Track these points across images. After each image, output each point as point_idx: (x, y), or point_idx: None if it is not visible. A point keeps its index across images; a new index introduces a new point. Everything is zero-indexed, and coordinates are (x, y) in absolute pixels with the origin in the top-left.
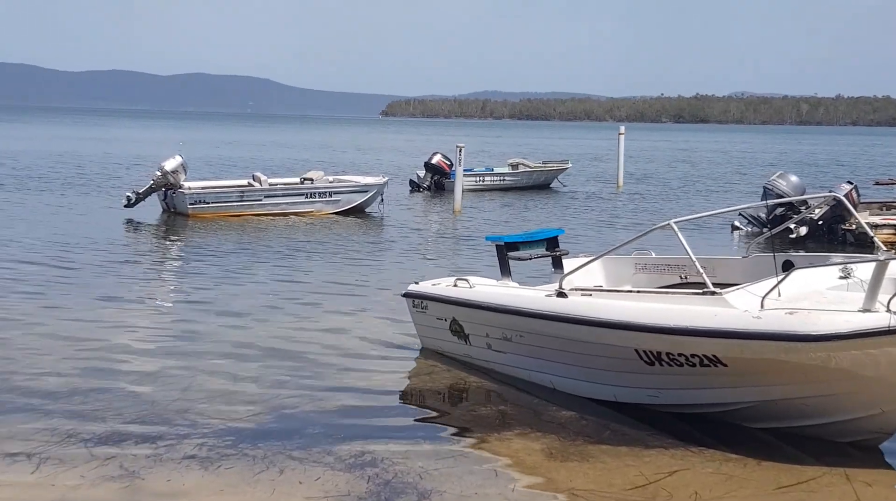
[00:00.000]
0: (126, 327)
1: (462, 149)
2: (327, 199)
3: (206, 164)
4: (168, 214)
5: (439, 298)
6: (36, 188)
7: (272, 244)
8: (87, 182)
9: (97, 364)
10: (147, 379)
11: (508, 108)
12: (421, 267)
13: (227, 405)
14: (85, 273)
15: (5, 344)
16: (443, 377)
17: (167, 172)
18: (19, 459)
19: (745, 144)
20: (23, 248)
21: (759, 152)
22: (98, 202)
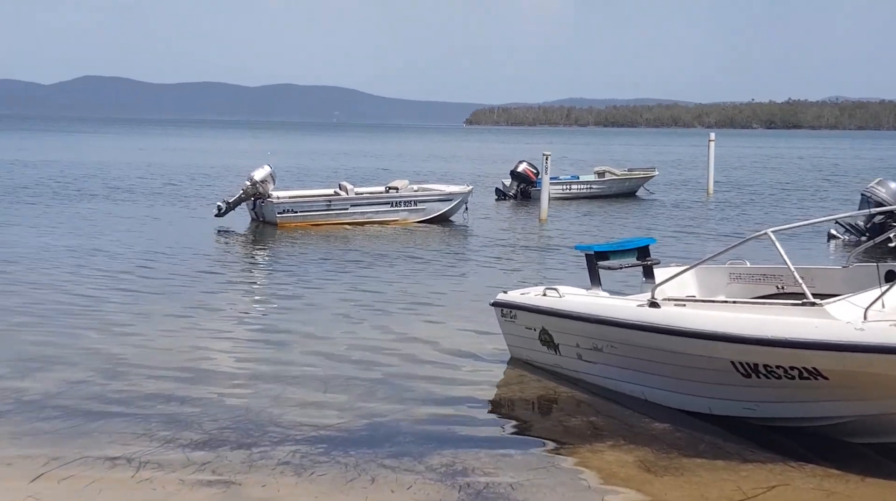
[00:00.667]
0: (217, 334)
1: (548, 157)
2: (412, 208)
3: (293, 173)
4: (257, 223)
5: (528, 307)
6: (129, 199)
7: (358, 253)
8: (179, 192)
9: (191, 371)
10: (240, 386)
11: (594, 115)
12: (507, 276)
13: (319, 412)
14: (177, 281)
15: (104, 351)
16: (532, 387)
17: (256, 182)
18: (120, 462)
19: (840, 150)
20: (118, 257)
21: (855, 159)
22: (189, 212)
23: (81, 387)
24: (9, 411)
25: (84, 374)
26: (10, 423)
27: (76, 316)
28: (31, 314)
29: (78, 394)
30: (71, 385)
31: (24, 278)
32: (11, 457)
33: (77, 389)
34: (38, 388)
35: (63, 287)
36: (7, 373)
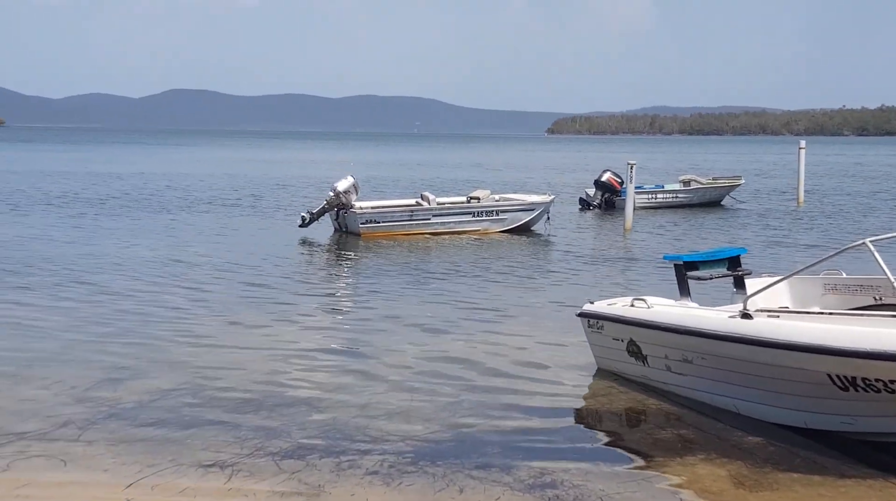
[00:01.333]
0: (302, 344)
1: (633, 166)
2: (494, 218)
3: (376, 184)
4: (340, 233)
5: (616, 318)
6: (214, 210)
7: (440, 263)
8: (263, 203)
9: (278, 380)
10: (327, 395)
11: (678, 123)
12: (591, 286)
13: (406, 422)
14: (262, 292)
15: (193, 361)
16: (620, 399)
17: (340, 193)
18: (213, 470)
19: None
20: (204, 268)
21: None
22: (274, 223)
23: (172, 396)
24: (104, 418)
25: (174, 383)
26: (105, 430)
27: (165, 326)
28: (120, 323)
29: (169, 403)
30: (162, 394)
31: (113, 289)
32: (107, 463)
33: (168, 397)
34: (131, 397)
35: (151, 298)
36: (101, 382)
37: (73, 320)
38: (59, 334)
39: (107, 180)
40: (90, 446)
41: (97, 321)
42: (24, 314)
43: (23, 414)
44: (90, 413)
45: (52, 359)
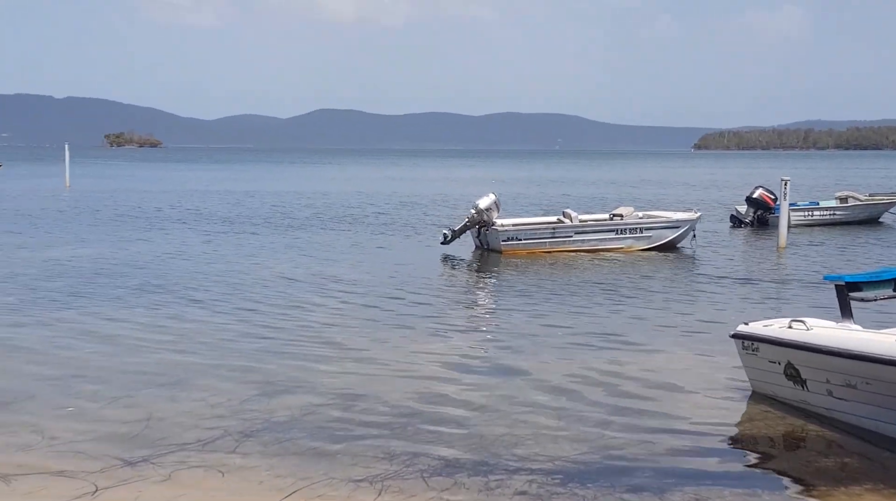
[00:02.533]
0: (446, 361)
1: (787, 182)
2: (638, 235)
3: (517, 201)
4: (481, 250)
5: (773, 340)
6: (356, 227)
7: (583, 281)
8: (405, 220)
9: (425, 396)
10: (473, 413)
11: (833, 137)
12: (743, 306)
13: (553, 442)
14: (406, 308)
15: (341, 376)
16: (777, 424)
17: (481, 210)
18: (363, 485)
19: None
20: (347, 285)
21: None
22: (415, 240)
23: (322, 410)
24: (259, 431)
25: (324, 397)
26: (259, 443)
27: (313, 341)
28: (271, 338)
29: (319, 417)
30: (313, 408)
31: (262, 305)
32: (262, 475)
33: (318, 412)
34: (284, 410)
35: (299, 314)
36: (254, 395)
37: (225, 334)
38: (213, 348)
39: (253, 198)
40: (246, 458)
41: (248, 336)
42: (180, 327)
43: (183, 425)
44: (245, 426)
45: (207, 372)
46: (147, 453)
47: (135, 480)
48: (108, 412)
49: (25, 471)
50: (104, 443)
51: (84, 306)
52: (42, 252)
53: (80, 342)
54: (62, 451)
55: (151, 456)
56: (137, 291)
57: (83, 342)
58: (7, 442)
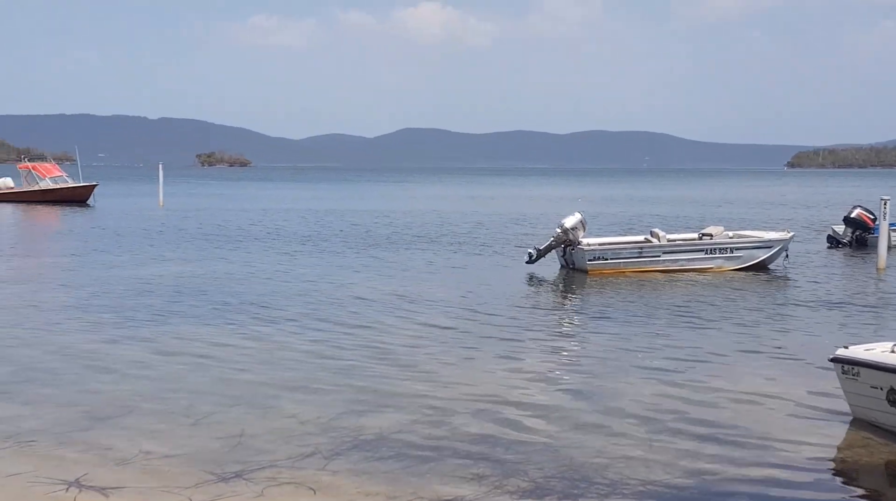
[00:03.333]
0: (534, 381)
1: (887, 202)
2: (728, 255)
3: (604, 220)
4: (566, 270)
5: (875, 365)
6: (442, 245)
7: (671, 302)
8: (490, 239)
9: (512, 417)
10: (562, 434)
11: None
12: (839, 330)
13: (645, 466)
14: (491, 328)
15: (429, 394)
16: (880, 452)
17: (567, 229)
18: None
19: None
20: (434, 302)
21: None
22: (500, 259)
23: (411, 429)
24: (347, 449)
25: (413, 416)
26: (349, 461)
27: (401, 360)
28: (358, 357)
29: (408, 436)
30: (401, 427)
31: (349, 323)
32: (352, 493)
33: (407, 430)
34: (372, 428)
35: (386, 332)
36: (343, 413)
37: (312, 353)
38: (301, 366)
39: (337, 217)
40: (335, 476)
41: (334, 355)
42: (268, 345)
43: (274, 442)
44: (334, 444)
45: (295, 390)
46: (239, 469)
47: (228, 496)
48: (201, 428)
49: (123, 485)
50: (198, 458)
51: (177, 323)
52: (136, 270)
53: (174, 359)
54: (157, 465)
55: (244, 472)
56: (226, 309)
57: (176, 359)
58: (105, 456)
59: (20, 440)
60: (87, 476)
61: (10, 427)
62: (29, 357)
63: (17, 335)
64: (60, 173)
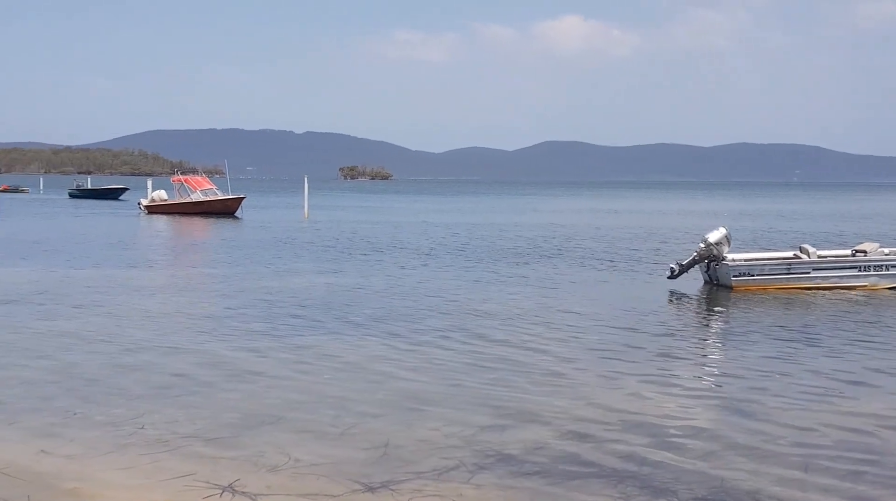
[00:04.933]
0: (678, 399)
1: None
2: (883, 272)
3: (750, 235)
4: (710, 285)
5: None
6: (581, 259)
7: (824, 320)
8: (631, 254)
9: (658, 435)
10: (712, 455)
11: None
12: None
13: (801, 490)
14: (631, 344)
15: (573, 410)
16: None
17: (711, 244)
18: None
19: None
20: (572, 317)
21: None
22: (641, 273)
23: (556, 445)
24: (492, 463)
25: (557, 432)
26: (494, 475)
27: (541, 375)
28: (500, 370)
29: (554, 451)
30: (546, 442)
31: (491, 336)
32: None
33: (552, 446)
34: (517, 443)
35: (525, 346)
36: (488, 426)
37: (456, 364)
38: (445, 378)
39: (477, 230)
40: (480, 489)
41: (478, 367)
42: (412, 356)
43: (418, 454)
44: (479, 457)
45: (439, 402)
46: (386, 479)
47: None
48: (347, 437)
49: (274, 492)
50: (346, 467)
51: (322, 333)
52: (282, 281)
53: (319, 369)
54: (306, 473)
55: (390, 483)
56: (370, 320)
57: (322, 369)
58: (255, 463)
59: (177, 444)
60: (240, 482)
61: (167, 432)
62: (183, 364)
63: (173, 342)
64: (211, 186)
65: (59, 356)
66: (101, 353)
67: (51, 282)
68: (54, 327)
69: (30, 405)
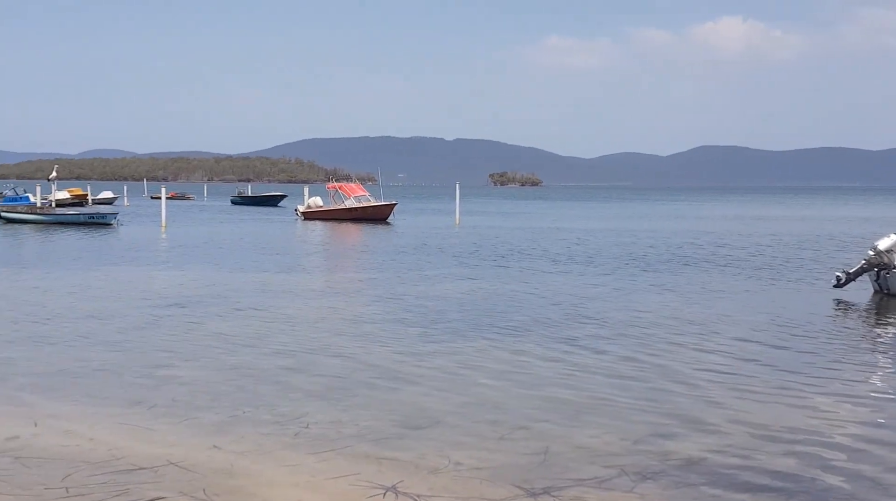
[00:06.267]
0: (852, 415)
1: None
2: None
3: None
4: (880, 295)
5: None
6: (740, 265)
7: None
8: (791, 260)
9: (830, 452)
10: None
11: None
12: None
13: None
14: (799, 355)
15: (736, 424)
16: None
17: (881, 252)
18: None
19: None
20: (732, 327)
21: None
22: (804, 282)
23: (721, 457)
24: (655, 473)
25: (722, 443)
26: (657, 485)
27: (703, 384)
28: (658, 379)
29: (718, 464)
30: (711, 454)
31: (645, 343)
32: None
33: (718, 458)
34: (680, 453)
35: (682, 356)
36: (649, 435)
37: (614, 372)
38: (602, 385)
39: (630, 236)
40: (643, 499)
41: (636, 375)
42: (569, 363)
43: (579, 461)
44: (641, 466)
45: (599, 409)
46: (547, 485)
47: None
48: (507, 442)
49: (436, 494)
50: (506, 472)
51: (476, 338)
52: (436, 286)
53: (476, 373)
54: (467, 477)
55: (551, 489)
56: (523, 326)
57: (478, 374)
58: (418, 465)
59: (341, 444)
60: (403, 483)
61: (332, 432)
62: (343, 366)
63: (333, 344)
64: (364, 193)
65: (225, 357)
66: (265, 354)
67: (217, 285)
68: (220, 328)
69: (201, 403)
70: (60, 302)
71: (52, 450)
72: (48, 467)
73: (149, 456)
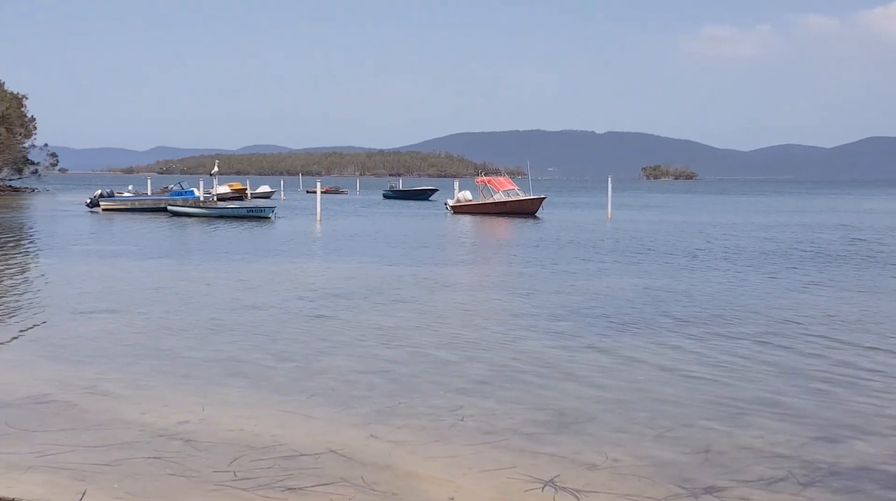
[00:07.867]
0: None
1: None
2: None
3: None
4: None
5: None
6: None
7: None
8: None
9: None
10: None
11: None
12: None
13: None
14: None
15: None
16: None
17: None
18: None
19: None
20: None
21: None
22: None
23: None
24: (825, 477)
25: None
26: (827, 489)
27: (872, 387)
28: (828, 379)
29: (892, 469)
30: (884, 459)
31: (811, 343)
32: None
33: (891, 463)
34: (851, 457)
35: (852, 360)
36: (817, 437)
37: (777, 371)
38: (767, 383)
39: (788, 231)
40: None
41: (802, 375)
42: (726, 360)
43: (742, 461)
44: (809, 469)
45: (763, 408)
46: (709, 485)
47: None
48: (665, 440)
49: (594, 490)
50: (666, 470)
51: (632, 334)
52: (588, 281)
53: (632, 369)
54: (626, 473)
55: (714, 489)
56: (680, 322)
57: (635, 370)
58: (574, 461)
59: (496, 437)
60: (560, 478)
61: (486, 425)
62: (497, 360)
63: (485, 338)
64: (513, 187)
65: (380, 349)
66: (418, 346)
67: (372, 278)
68: (375, 321)
69: (358, 392)
70: (225, 294)
71: (219, 435)
72: (215, 451)
73: (310, 443)
